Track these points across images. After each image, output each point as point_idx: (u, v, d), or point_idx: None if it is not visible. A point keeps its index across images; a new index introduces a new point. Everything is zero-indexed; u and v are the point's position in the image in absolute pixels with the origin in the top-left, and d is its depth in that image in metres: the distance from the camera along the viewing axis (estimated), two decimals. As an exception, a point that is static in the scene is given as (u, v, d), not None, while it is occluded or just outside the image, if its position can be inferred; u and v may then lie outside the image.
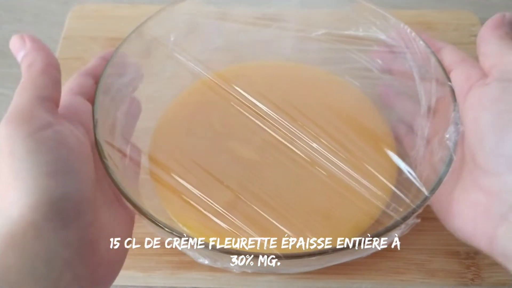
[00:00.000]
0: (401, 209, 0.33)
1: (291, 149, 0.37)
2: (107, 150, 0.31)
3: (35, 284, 0.23)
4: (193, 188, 0.35)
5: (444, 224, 0.32)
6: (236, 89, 0.39)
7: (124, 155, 0.35)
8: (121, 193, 0.30)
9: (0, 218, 0.24)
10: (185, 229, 0.35)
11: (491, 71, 0.31)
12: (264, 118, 0.38)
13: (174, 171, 0.36)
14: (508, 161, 0.28)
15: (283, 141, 0.38)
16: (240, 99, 0.39)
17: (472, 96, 0.31)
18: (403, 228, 0.30)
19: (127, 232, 0.30)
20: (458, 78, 0.33)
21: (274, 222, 0.34)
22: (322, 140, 0.37)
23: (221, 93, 0.39)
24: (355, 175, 0.36)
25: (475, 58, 0.34)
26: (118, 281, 0.36)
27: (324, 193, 0.36)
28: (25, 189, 0.24)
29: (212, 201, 0.34)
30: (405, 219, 0.30)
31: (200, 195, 0.35)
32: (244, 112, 0.39)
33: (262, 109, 0.38)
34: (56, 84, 0.29)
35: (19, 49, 0.30)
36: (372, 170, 0.37)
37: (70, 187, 0.25)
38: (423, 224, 0.33)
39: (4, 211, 0.24)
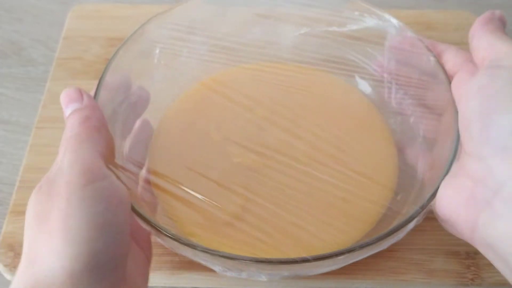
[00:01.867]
0: (410, 198, 0.34)
1: (293, 150, 0.37)
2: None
3: None
4: (203, 198, 0.34)
5: (435, 213, 0.32)
6: (233, 92, 0.39)
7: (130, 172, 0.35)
8: (144, 221, 0.29)
9: (38, 265, 0.25)
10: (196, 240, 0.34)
11: (482, 63, 0.31)
12: (263, 121, 0.38)
13: (179, 182, 0.35)
14: (492, 145, 0.28)
15: (284, 143, 0.38)
16: (238, 102, 0.39)
17: (464, 88, 0.31)
18: (420, 216, 0.30)
19: (146, 273, 0.31)
20: (461, 81, 0.33)
21: (291, 224, 0.34)
22: (323, 138, 0.37)
23: (217, 98, 0.39)
24: (360, 169, 0.36)
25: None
26: (118, 281, 0.36)
27: (332, 190, 0.36)
28: (70, 238, 0.24)
29: (223, 209, 0.34)
30: (423, 207, 0.30)
31: (211, 204, 0.34)
32: (242, 116, 0.38)
33: (261, 112, 0.38)
34: (109, 143, 0.30)
35: (74, 101, 0.30)
36: (376, 163, 0.37)
37: (112, 240, 0.26)
38: (423, 224, 0.33)
39: (44, 259, 0.25)
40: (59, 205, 0.25)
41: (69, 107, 0.30)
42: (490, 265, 0.36)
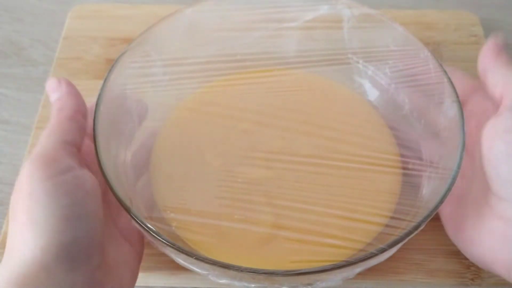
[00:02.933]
0: (424, 158, 0.35)
1: (296, 148, 0.37)
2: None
3: None
4: (235, 224, 0.34)
5: (463, 252, 0.34)
6: (217, 107, 0.38)
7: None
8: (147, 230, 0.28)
9: (14, 258, 0.25)
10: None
11: (502, 100, 0.32)
12: (258, 126, 0.38)
13: (205, 214, 0.34)
14: None
15: (284, 143, 0.37)
16: (225, 115, 0.38)
17: (487, 127, 0.32)
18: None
19: (134, 268, 0.31)
20: (475, 113, 0.35)
21: (336, 217, 0.34)
22: (320, 129, 0.38)
23: (203, 117, 0.39)
24: (365, 148, 0.37)
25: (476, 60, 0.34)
26: (118, 281, 0.36)
27: (352, 174, 0.36)
28: (38, 231, 0.25)
29: (258, 225, 0.33)
30: (443, 198, 0.30)
31: (244, 225, 0.34)
32: (235, 128, 0.38)
33: (251, 119, 0.38)
34: (81, 130, 0.30)
35: (54, 91, 0.31)
36: (374, 138, 0.38)
37: (82, 231, 0.26)
38: (423, 224, 0.33)
39: (18, 251, 0.25)
40: (23, 200, 0.26)
41: (52, 96, 0.31)
42: (490, 265, 0.37)
